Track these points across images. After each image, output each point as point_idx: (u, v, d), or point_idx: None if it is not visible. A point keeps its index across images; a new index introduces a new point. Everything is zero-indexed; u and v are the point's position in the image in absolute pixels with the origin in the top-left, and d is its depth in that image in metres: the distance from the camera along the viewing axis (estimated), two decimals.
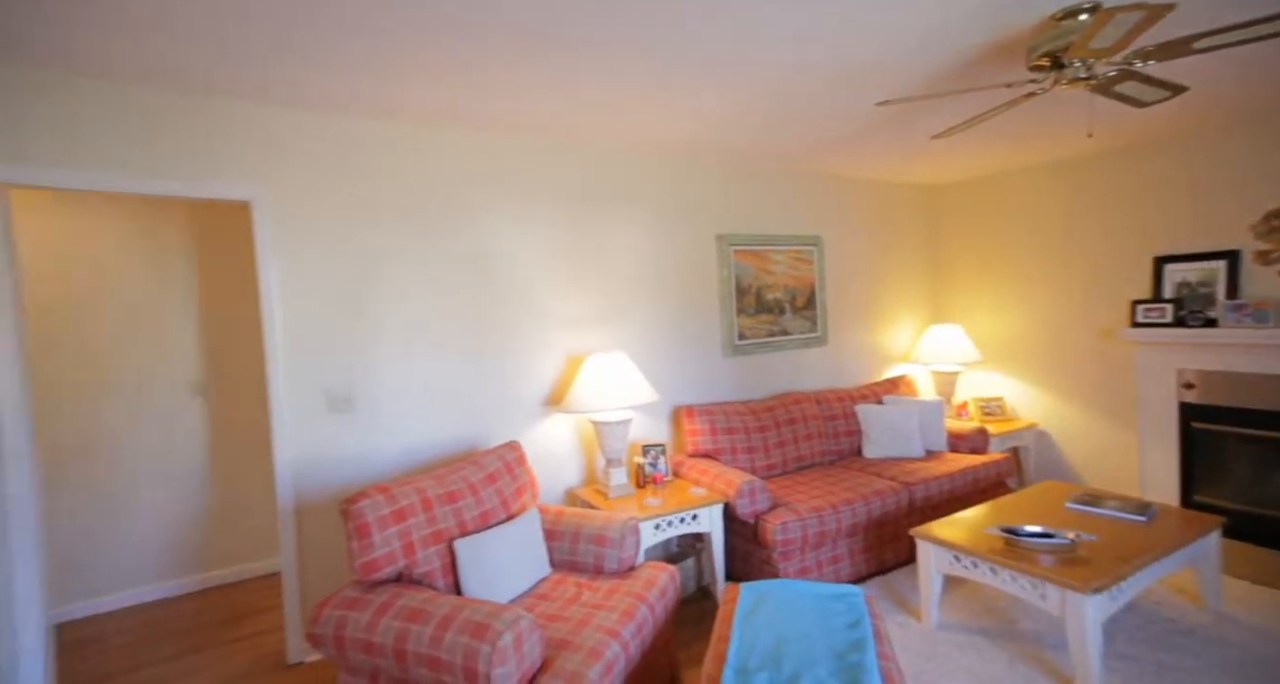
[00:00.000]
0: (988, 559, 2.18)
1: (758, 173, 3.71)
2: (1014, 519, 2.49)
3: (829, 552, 2.77)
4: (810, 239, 3.90)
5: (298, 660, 2.39)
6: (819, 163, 3.68)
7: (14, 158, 1.95)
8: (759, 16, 1.77)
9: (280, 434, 2.36)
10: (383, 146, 2.57)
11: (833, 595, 1.86)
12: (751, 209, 3.69)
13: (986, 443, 3.53)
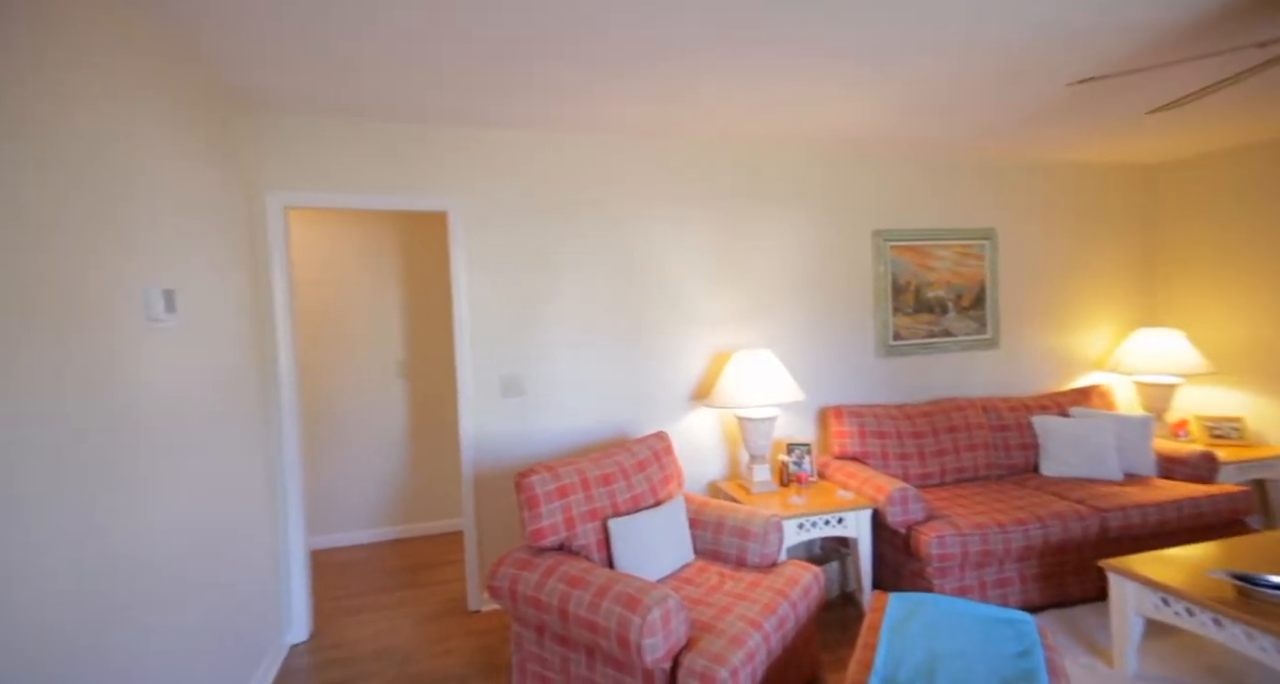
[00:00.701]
0: (1211, 608, 1.86)
1: (922, 164, 3.46)
2: (1251, 565, 2.08)
3: (994, 573, 2.54)
4: (981, 232, 3.55)
5: (476, 608, 2.79)
6: (996, 148, 3.33)
7: (290, 186, 2.51)
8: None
9: (465, 413, 2.75)
10: (552, 156, 2.85)
11: (999, 619, 1.74)
12: (912, 202, 3.45)
13: (1214, 471, 2.96)
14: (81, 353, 1.27)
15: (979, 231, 3.54)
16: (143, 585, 1.45)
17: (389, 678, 2.29)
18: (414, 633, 2.61)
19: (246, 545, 2.16)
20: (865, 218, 3.37)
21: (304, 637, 2.58)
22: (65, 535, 1.18)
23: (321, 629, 2.67)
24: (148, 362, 1.54)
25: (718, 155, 3.10)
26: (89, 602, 1.24)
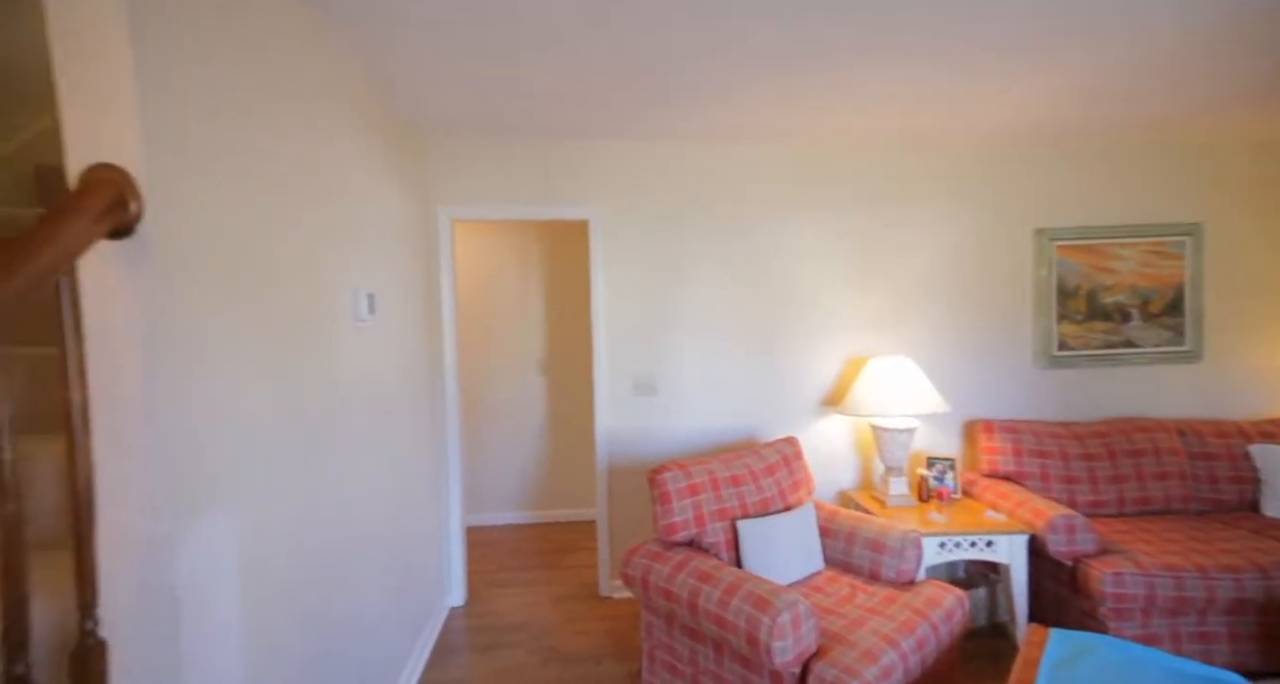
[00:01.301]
0: None
1: (1099, 152, 3.06)
2: None
3: (1193, 625, 2.19)
4: (1182, 228, 3.05)
5: (607, 594, 2.96)
6: (1208, 127, 2.85)
7: (456, 200, 2.85)
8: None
9: (600, 410, 2.93)
10: (686, 164, 2.94)
11: (1200, 677, 1.51)
12: (1085, 196, 3.06)
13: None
14: (314, 347, 1.58)
15: (1178, 227, 3.05)
16: (353, 538, 1.76)
17: (530, 648, 2.51)
18: (551, 610, 2.83)
19: (418, 516, 2.49)
20: (1024, 215, 3.06)
21: (460, 602, 2.91)
22: (305, 490, 1.48)
23: (474, 597, 2.99)
24: (354, 355, 1.86)
25: (855, 156, 3.00)
26: (323, 542, 1.54)
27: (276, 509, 1.34)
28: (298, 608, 1.42)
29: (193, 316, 1.09)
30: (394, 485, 2.18)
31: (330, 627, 1.59)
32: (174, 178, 1.05)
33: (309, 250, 1.57)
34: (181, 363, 1.05)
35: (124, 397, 0.97)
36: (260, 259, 1.33)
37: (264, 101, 1.36)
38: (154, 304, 1.00)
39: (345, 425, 1.77)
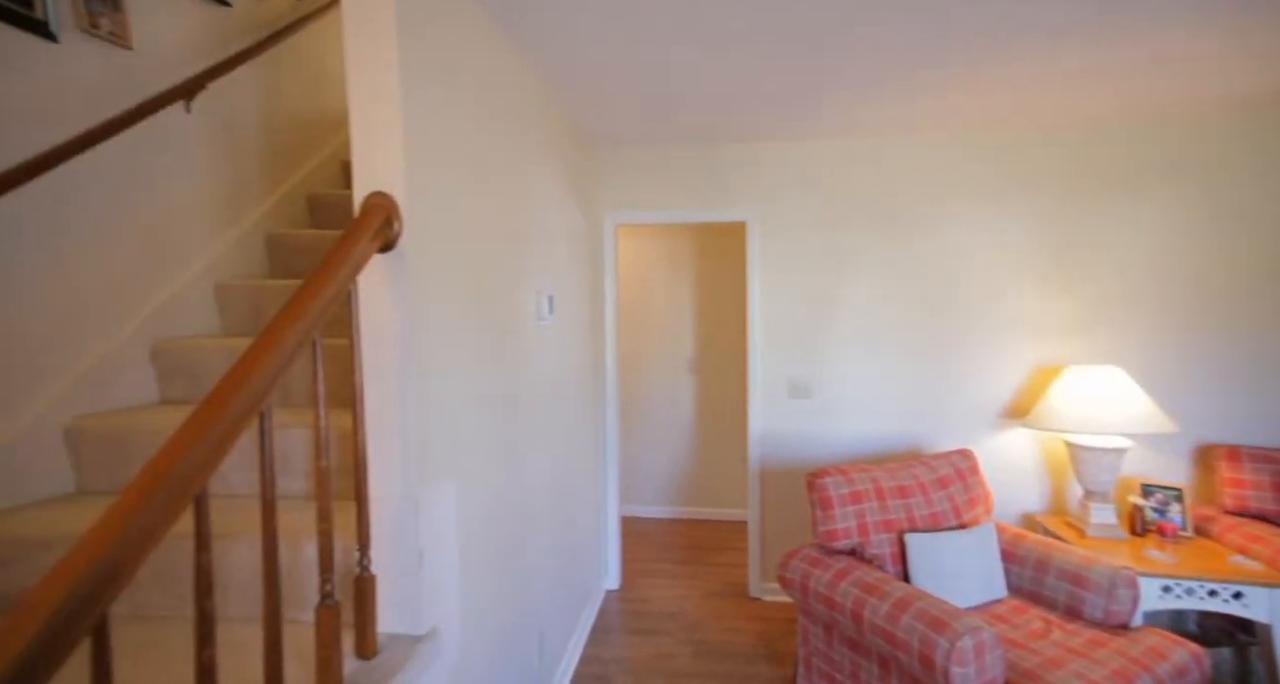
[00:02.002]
0: None
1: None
2: None
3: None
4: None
5: (757, 596, 2.95)
6: None
7: (619, 207, 3.03)
8: None
9: (754, 411, 2.92)
10: (847, 161, 2.83)
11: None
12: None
13: None
14: (509, 344, 1.79)
15: None
16: (532, 513, 1.96)
17: (681, 639, 2.59)
18: (701, 605, 2.89)
19: (580, 501, 2.69)
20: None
21: (616, 586, 3.09)
22: (499, 469, 1.69)
23: (628, 583, 3.16)
24: (536, 351, 2.07)
25: (1044, 141, 2.66)
26: (510, 515, 1.74)
27: (479, 483, 1.55)
28: (492, 566, 1.62)
29: (430, 318, 1.30)
30: (562, 470, 2.39)
31: (516, 586, 1.79)
32: (420, 198, 1.26)
33: (509, 255, 1.79)
34: (423, 357, 1.26)
35: (386, 384, 1.20)
36: (477, 266, 1.54)
37: (481, 128, 1.57)
38: (407, 308, 1.21)
39: (528, 414, 1.97)
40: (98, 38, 1.57)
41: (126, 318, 1.70)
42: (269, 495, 0.91)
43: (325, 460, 1.03)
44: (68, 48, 1.51)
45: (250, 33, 2.16)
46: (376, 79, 1.17)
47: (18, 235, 1.42)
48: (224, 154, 2.04)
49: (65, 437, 1.53)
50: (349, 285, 1.08)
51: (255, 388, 0.85)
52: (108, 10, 1.58)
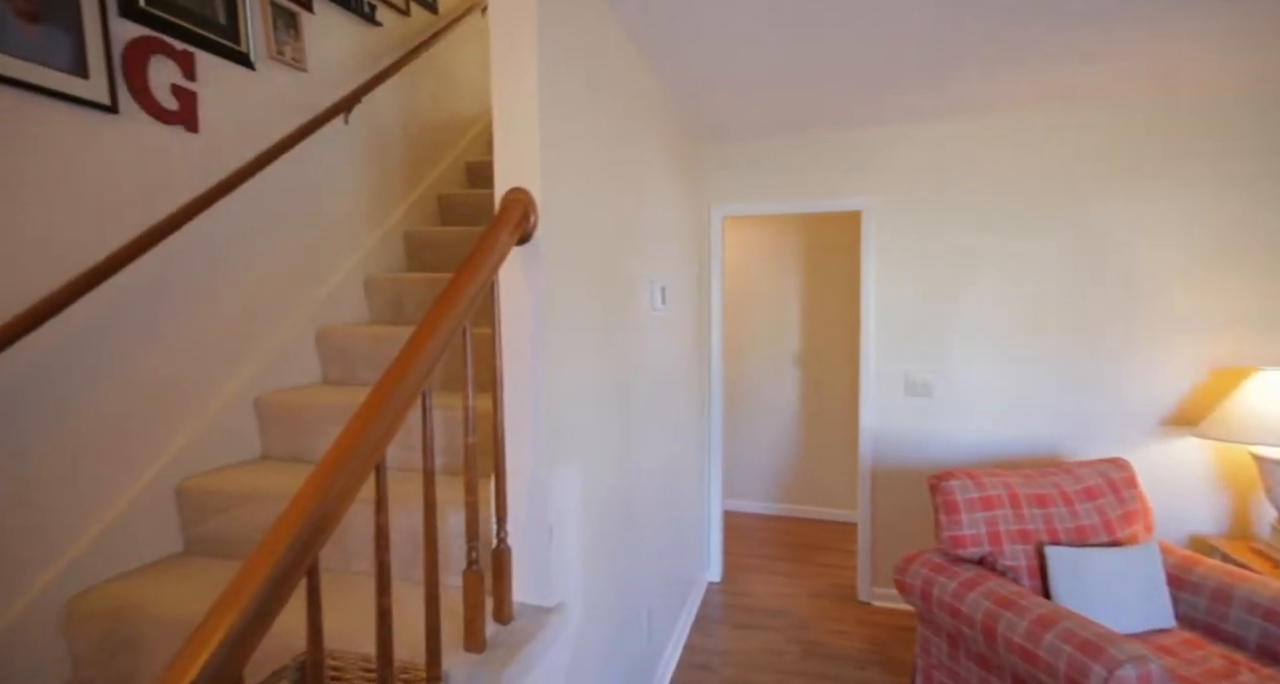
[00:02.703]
0: None
1: None
2: None
3: None
4: None
5: (866, 600, 2.83)
6: None
7: (727, 199, 3.00)
8: None
9: (865, 408, 2.79)
10: (974, 143, 2.60)
11: None
12: None
13: None
14: (626, 332, 1.84)
15: None
16: (641, 499, 2.02)
17: (788, 637, 2.55)
18: (807, 605, 2.82)
19: (684, 492, 2.72)
20: None
21: (718, 579, 3.10)
22: (614, 454, 1.74)
23: (729, 577, 3.15)
24: (649, 340, 2.11)
25: (1209, 109, 2.28)
26: (623, 498, 1.80)
27: (597, 467, 1.61)
28: (608, 546, 1.69)
29: (559, 306, 1.37)
30: (668, 460, 2.42)
31: (627, 567, 1.85)
32: (551, 193, 1.33)
33: (626, 247, 1.83)
34: (552, 343, 1.33)
35: (521, 369, 1.28)
36: (598, 256, 1.60)
37: (602, 124, 1.62)
38: (539, 297, 1.28)
39: (640, 403, 2.02)
40: (282, 63, 1.81)
41: (298, 308, 1.94)
42: (429, 466, 1.01)
43: (471, 438, 1.12)
44: (262, 74, 1.74)
45: (396, 48, 2.38)
46: (517, 84, 1.24)
47: (225, 239, 1.67)
48: (372, 160, 2.27)
49: (254, 410, 1.79)
50: (493, 276, 1.16)
51: (419, 370, 0.94)
52: (290, 39, 1.81)
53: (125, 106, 1.41)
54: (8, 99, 1.22)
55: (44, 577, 1.31)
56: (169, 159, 1.52)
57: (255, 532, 1.52)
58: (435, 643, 1.00)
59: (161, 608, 1.30)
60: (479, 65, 3.02)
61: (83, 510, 1.38)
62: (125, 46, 1.40)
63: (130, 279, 1.45)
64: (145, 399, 1.50)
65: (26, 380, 1.27)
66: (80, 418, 1.37)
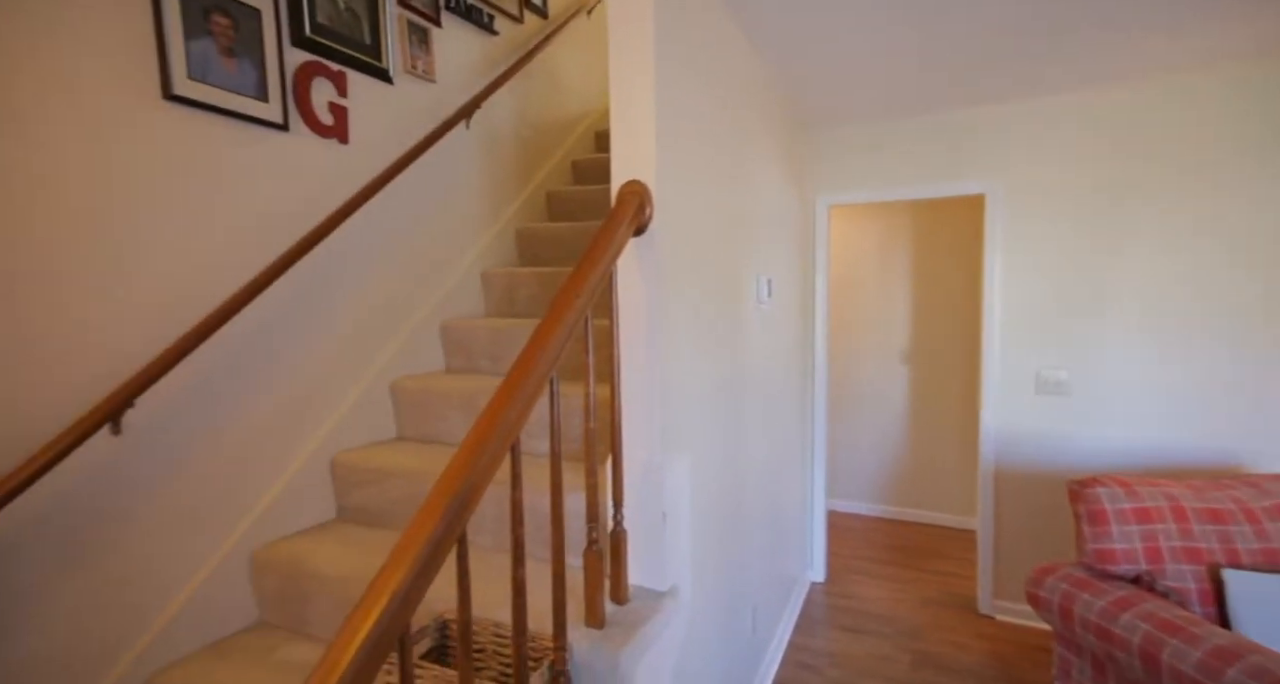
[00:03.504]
0: None
1: None
2: None
3: None
4: None
5: (988, 613, 2.62)
6: None
7: (832, 188, 2.88)
8: None
9: (988, 407, 2.58)
10: (1115, 115, 2.30)
11: None
12: None
13: None
14: (733, 323, 1.82)
15: None
16: (744, 494, 2.00)
17: (898, 645, 2.42)
18: (918, 612, 2.67)
19: (785, 489, 2.65)
20: None
21: (821, 579, 3.00)
22: (720, 445, 1.74)
23: (834, 578, 3.04)
24: (754, 334, 2.08)
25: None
26: (728, 490, 1.80)
27: (705, 457, 1.61)
28: (715, 537, 1.69)
29: (671, 298, 1.39)
30: (772, 454, 2.37)
31: (733, 559, 1.84)
32: (666, 185, 1.35)
33: (734, 237, 1.82)
34: (665, 334, 1.35)
35: (636, 358, 1.31)
36: (708, 247, 1.60)
37: (714, 115, 1.61)
38: (653, 288, 1.31)
39: (745, 396, 2.00)
40: (415, 76, 1.97)
41: (425, 302, 2.11)
42: (556, 448, 1.06)
43: (592, 423, 1.17)
44: (399, 87, 1.91)
45: (511, 54, 2.51)
46: (634, 79, 1.27)
47: (366, 240, 1.86)
48: (488, 162, 2.41)
49: (390, 394, 1.97)
50: (612, 267, 1.19)
51: (548, 356, 0.99)
52: (421, 53, 1.97)
53: (293, 124, 1.60)
54: (216, 124, 1.43)
55: (238, 530, 1.53)
56: (325, 169, 1.71)
57: (394, 504, 1.68)
58: (561, 616, 1.05)
59: (323, 565, 1.48)
60: (584, 67, 3.11)
61: (264, 477, 1.59)
62: (295, 71, 1.59)
63: (298, 275, 1.65)
64: (307, 382, 1.70)
65: (229, 362, 1.49)
66: (261, 399, 1.58)
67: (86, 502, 1.27)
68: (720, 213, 1.70)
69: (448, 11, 2.13)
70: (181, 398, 1.42)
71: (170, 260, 1.38)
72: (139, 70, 1.30)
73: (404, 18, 1.92)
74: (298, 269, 1.65)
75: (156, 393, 1.37)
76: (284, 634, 1.52)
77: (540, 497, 1.47)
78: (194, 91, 1.35)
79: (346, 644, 0.63)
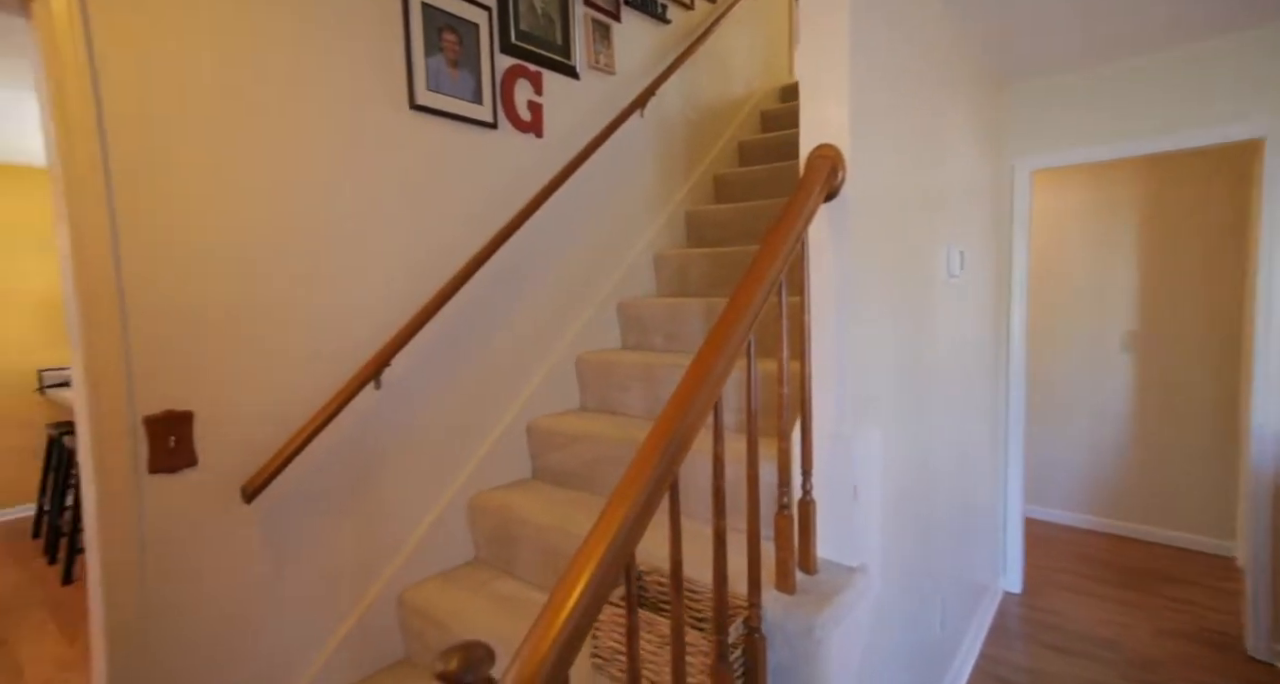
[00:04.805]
0: None
1: None
2: None
3: None
4: None
5: (1262, 658, 2.13)
6: None
7: (1034, 149, 2.52)
8: None
9: (1260, 406, 2.08)
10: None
11: None
12: None
13: None
14: (921, 297, 1.69)
15: None
16: (936, 481, 1.84)
17: (1124, 674, 2.07)
18: (1150, 643, 2.25)
19: (976, 485, 2.39)
20: None
21: (1016, 589, 2.67)
22: (908, 424, 1.63)
23: (1032, 590, 2.69)
24: (943, 310, 1.90)
25: None
26: (915, 474, 1.67)
27: (893, 435, 1.52)
28: (903, 519, 1.59)
29: (862, 266, 1.32)
30: (960, 445, 2.16)
31: (921, 547, 1.72)
32: (859, 149, 1.29)
33: (925, 204, 1.68)
34: (854, 304, 1.30)
35: (826, 327, 1.28)
36: (898, 215, 1.50)
37: (905, 76, 1.51)
38: (844, 255, 1.26)
39: (933, 376, 1.84)
40: (597, 70, 2.11)
41: (604, 282, 2.26)
42: (753, 406, 1.08)
43: (785, 389, 1.16)
44: (584, 82, 2.07)
45: (682, 41, 2.57)
46: (826, 40, 1.23)
47: (553, 227, 2.04)
48: (660, 148, 2.49)
49: (575, 367, 2.14)
50: (804, 232, 1.18)
51: (748, 316, 1.01)
52: (603, 48, 2.11)
53: (500, 122, 1.81)
54: (444, 126, 1.67)
55: (458, 480, 1.78)
56: (524, 161, 1.91)
57: (584, 465, 1.83)
58: (756, 571, 1.07)
59: (527, 514, 1.66)
60: (748, 49, 3.07)
61: (476, 436, 1.84)
62: (503, 75, 1.80)
63: (499, 260, 1.87)
64: (509, 354, 1.92)
65: (450, 334, 1.74)
66: (473, 368, 1.82)
67: (358, 444, 1.57)
68: (911, 178, 1.58)
69: (626, 6, 2.24)
70: (416, 364, 1.68)
71: (412, 246, 1.64)
72: (393, 86, 1.56)
73: (589, 17, 2.06)
74: (498, 254, 1.86)
75: (400, 357, 1.64)
76: (494, 571, 1.74)
77: (728, 465, 1.50)
78: (431, 100, 1.59)
79: (583, 567, 0.70)
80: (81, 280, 1.14)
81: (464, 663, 0.60)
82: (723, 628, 0.99)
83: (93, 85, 1.13)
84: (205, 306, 1.31)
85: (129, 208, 1.20)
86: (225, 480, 1.33)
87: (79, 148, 1.12)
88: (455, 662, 0.60)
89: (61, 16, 1.07)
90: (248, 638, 1.38)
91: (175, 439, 1.25)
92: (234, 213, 1.34)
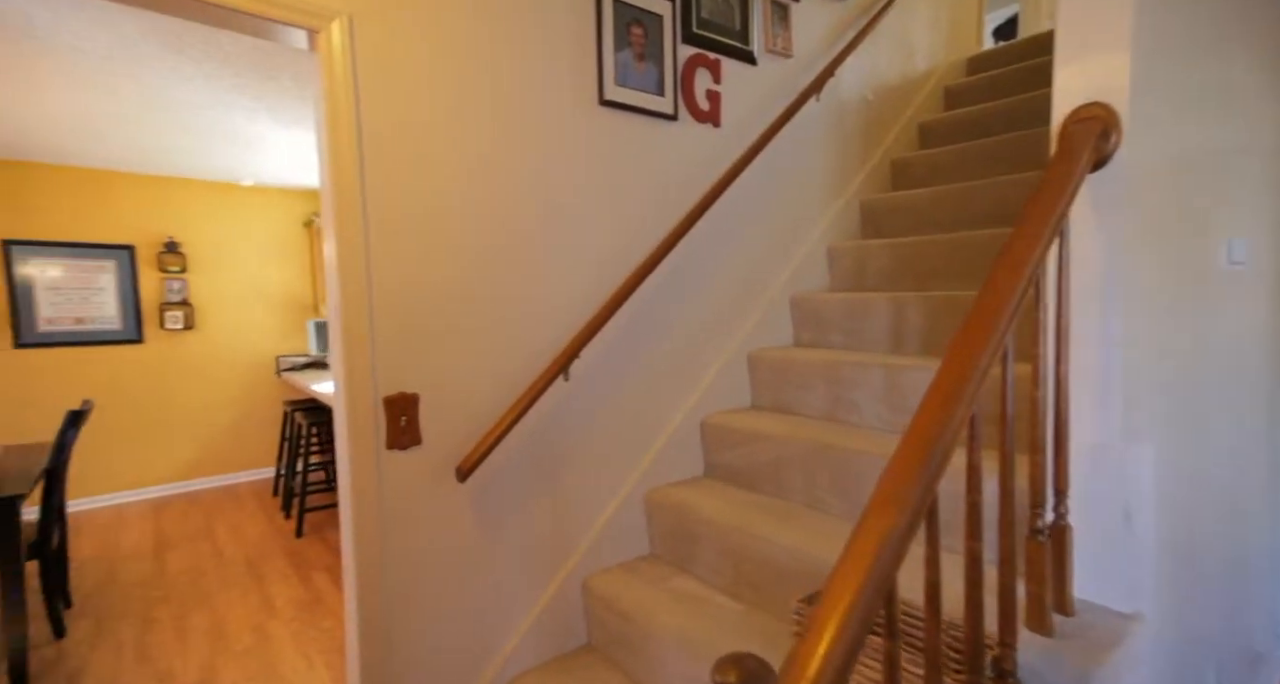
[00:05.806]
0: None
1: None
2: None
3: None
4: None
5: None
6: None
7: None
8: None
9: None
10: None
11: None
12: None
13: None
14: (1195, 289, 1.37)
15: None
16: (1206, 512, 1.49)
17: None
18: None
19: (1251, 525, 1.92)
20: None
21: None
22: (1182, 444, 1.32)
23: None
24: (1219, 305, 1.53)
25: None
26: (1191, 506, 1.36)
27: (1166, 453, 1.24)
28: (1180, 558, 1.29)
29: (1135, 248, 1.09)
30: (1232, 473, 1.74)
31: (1190, 589, 1.39)
32: (1141, 107, 1.06)
33: (1204, 178, 1.37)
34: (1125, 293, 1.07)
35: (1088, 323, 1.07)
36: (1182, 188, 1.22)
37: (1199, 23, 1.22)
38: (1113, 238, 1.04)
39: (1207, 383, 1.49)
40: (775, 54, 2.02)
41: (776, 277, 2.15)
42: (1008, 414, 0.92)
43: (1039, 391, 0.99)
44: (761, 67, 1.99)
45: (859, 19, 2.38)
46: None
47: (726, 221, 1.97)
48: (836, 133, 2.33)
49: (747, 365, 2.07)
50: (1067, 210, 0.99)
51: (1006, 313, 0.86)
52: (781, 30, 2.01)
53: (680, 113, 1.79)
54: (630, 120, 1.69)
55: (634, 474, 1.79)
56: (701, 154, 1.87)
57: (762, 466, 1.74)
58: (1010, 604, 0.92)
59: (707, 513, 1.62)
60: (931, 20, 2.78)
61: (651, 430, 1.83)
62: (683, 65, 1.77)
63: (675, 255, 1.85)
64: (683, 349, 1.89)
65: (631, 328, 1.76)
66: (651, 363, 1.82)
67: (548, 434, 1.63)
68: (1190, 143, 1.28)
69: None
70: (597, 358, 1.71)
71: (596, 243, 1.67)
72: (585, 83, 1.60)
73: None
74: (675, 249, 1.84)
75: (585, 350, 1.68)
76: (671, 568, 1.72)
77: (957, 483, 1.33)
78: (619, 95, 1.61)
79: (841, 592, 0.62)
80: (345, 287, 1.30)
81: (743, 675, 0.56)
82: (978, 667, 0.85)
83: (355, 109, 1.28)
84: (433, 298, 1.43)
85: (378, 219, 1.34)
86: (444, 460, 1.45)
87: (344, 171, 1.27)
88: (734, 674, 0.56)
89: (338, 48, 1.22)
90: (463, 599, 1.49)
91: (406, 419, 1.38)
92: (457, 223, 1.45)
